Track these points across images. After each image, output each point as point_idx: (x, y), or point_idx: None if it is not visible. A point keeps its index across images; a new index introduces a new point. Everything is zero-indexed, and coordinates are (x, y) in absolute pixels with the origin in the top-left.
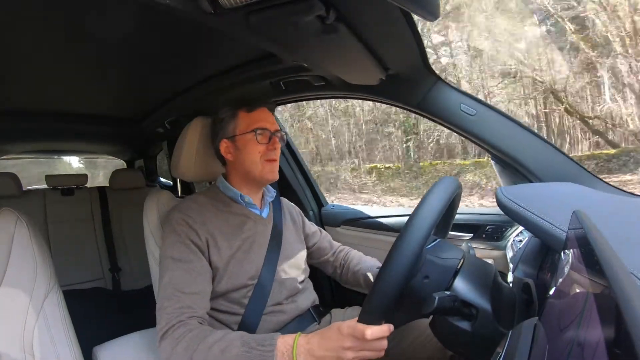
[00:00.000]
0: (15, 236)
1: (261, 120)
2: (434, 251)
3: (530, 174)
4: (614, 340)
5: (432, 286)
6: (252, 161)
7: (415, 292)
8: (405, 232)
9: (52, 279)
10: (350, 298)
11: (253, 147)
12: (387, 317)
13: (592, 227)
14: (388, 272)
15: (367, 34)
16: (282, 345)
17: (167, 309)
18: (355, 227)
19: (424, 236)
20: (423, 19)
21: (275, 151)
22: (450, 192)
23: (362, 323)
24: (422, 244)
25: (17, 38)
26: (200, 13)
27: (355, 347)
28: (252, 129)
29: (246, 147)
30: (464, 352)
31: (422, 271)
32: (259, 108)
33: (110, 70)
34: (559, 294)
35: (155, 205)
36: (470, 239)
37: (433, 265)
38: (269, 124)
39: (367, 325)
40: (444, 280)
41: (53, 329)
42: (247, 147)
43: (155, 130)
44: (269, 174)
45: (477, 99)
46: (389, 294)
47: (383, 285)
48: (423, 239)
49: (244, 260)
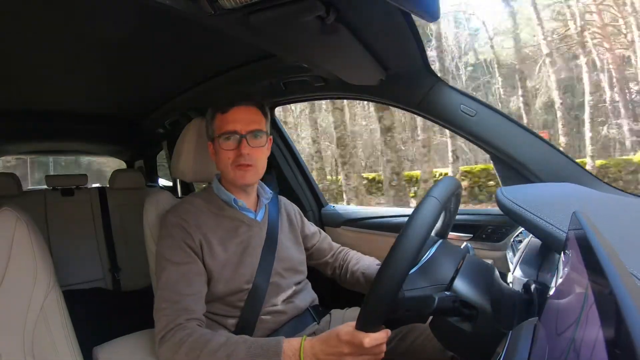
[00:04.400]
0: (15, 236)
1: (233, 122)
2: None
3: (530, 174)
4: (614, 340)
5: (414, 316)
6: (224, 166)
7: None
8: (402, 235)
9: (52, 279)
10: (349, 298)
11: (222, 153)
12: (385, 322)
13: (592, 227)
14: (384, 276)
15: (367, 34)
16: (289, 349)
17: (164, 311)
18: (355, 227)
19: (420, 243)
20: (423, 20)
21: (246, 156)
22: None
23: (359, 330)
24: (418, 248)
25: (17, 38)
26: (200, 14)
27: (354, 353)
28: (220, 133)
29: (218, 152)
30: (464, 353)
31: (403, 307)
32: (232, 108)
33: (111, 70)
34: (559, 295)
35: (155, 205)
36: (471, 239)
37: (412, 300)
38: (241, 125)
39: (365, 334)
40: (428, 306)
41: (53, 329)
42: (218, 152)
43: (155, 130)
44: (240, 180)
45: (477, 99)
46: (385, 299)
47: (379, 291)
48: (421, 242)
49: (239, 264)
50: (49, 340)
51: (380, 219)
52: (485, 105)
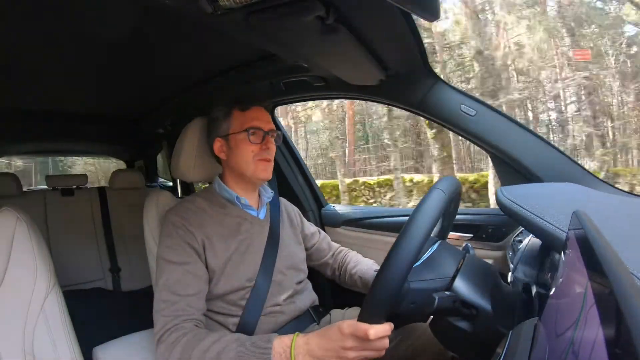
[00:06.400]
0: (15, 236)
1: (255, 119)
2: (425, 267)
3: (530, 174)
4: (615, 340)
5: (418, 311)
6: (244, 161)
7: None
8: (407, 228)
9: (52, 279)
10: (349, 299)
11: (246, 147)
12: (388, 316)
13: (592, 227)
14: (389, 268)
15: (367, 34)
16: (279, 346)
17: (163, 312)
18: (355, 227)
19: (426, 233)
20: (423, 19)
21: (269, 151)
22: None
23: (363, 322)
24: (424, 239)
25: (17, 38)
26: (200, 14)
27: (357, 347)
28: (245, 128)
29: (239, 147)
30: (464, 353)
31: (408, 299)
32: (253, 107)
33: (110, 70)
34: (559, 294)
35: (155, 205)
36: (471, 239)
37: (417, 292)
38: (263, 124)
39: (369, 325)
40: (429, 304)
41: (53, 329)
42: (239, 146)
43: (156, 130)
44: (262, 173)
45: (477, 99)
46: (390, 291)
47: (384, 283)
48: (427, 232)
49: (241, 262)
50: (49, 340)
51: (380, 219)
52: (485, 105)
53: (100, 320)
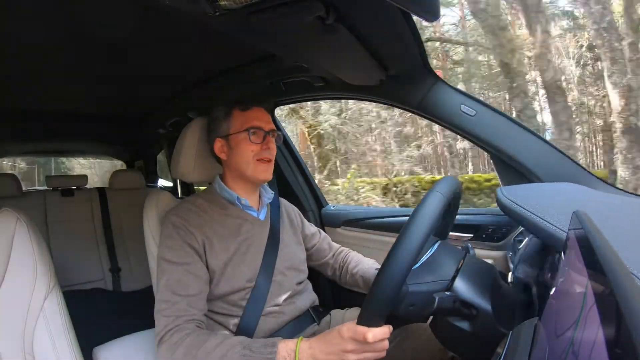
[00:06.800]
0: (15, 237)
1: (255, 119)
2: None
3: (530, 174)
4: (615, 340)
5: (417, 313)
6: (245, 161)
7: (405, 315)
8: (407, 229)
9: (52, 280)
10: (350, 299)
11: (246, 147)
12: (387, 319)
13: (592, 227)
14: (386, 274)
15: (367, 34)
16: (284, 349)
17: (164, 312)
18: (355, 227)
19: (422, 238)
20: (423, 19)
21: (269, 151)
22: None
23: (362, 325)
24: (421, 244)
25: (17, 38)
26: (200, 14)
27: (357, 350)
28: (245, 128)
29: (239, 146)
30: (464, 353)
31: (407, 301)
32: (253, 107)
33: (111, 70)
34: (559, 294)
35: (155, 206)
36: (471, 239)
37: (416, 294)
38: (264, 124)
39: (368, 328)
40: (429, 305)
41: (53, 330)
42: (240, 146)
43: (156, 130)
44: (262, 174)
45: (477, 99)
46: (388, 294)
47: (382, 286)
48: (426, 235)
49: (241, 263)
50: (49, 341)
51: (380, 219)
52: (485, 105)
53: (100, 320)
